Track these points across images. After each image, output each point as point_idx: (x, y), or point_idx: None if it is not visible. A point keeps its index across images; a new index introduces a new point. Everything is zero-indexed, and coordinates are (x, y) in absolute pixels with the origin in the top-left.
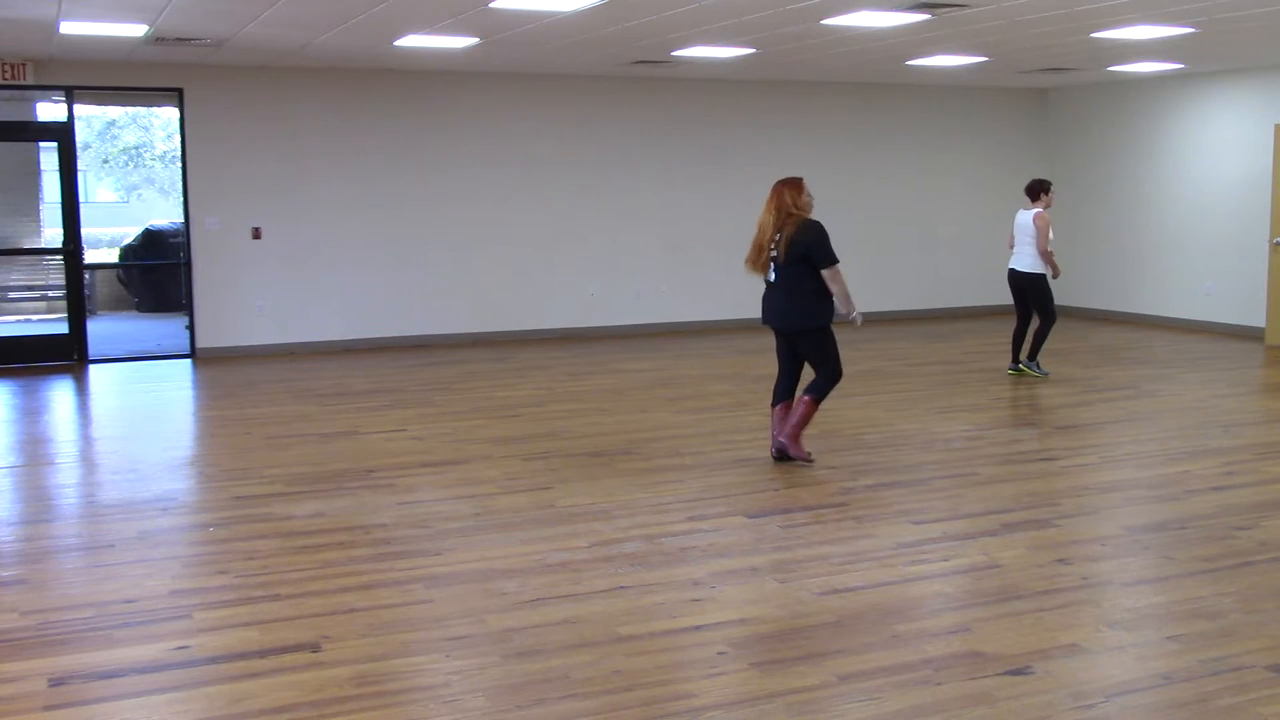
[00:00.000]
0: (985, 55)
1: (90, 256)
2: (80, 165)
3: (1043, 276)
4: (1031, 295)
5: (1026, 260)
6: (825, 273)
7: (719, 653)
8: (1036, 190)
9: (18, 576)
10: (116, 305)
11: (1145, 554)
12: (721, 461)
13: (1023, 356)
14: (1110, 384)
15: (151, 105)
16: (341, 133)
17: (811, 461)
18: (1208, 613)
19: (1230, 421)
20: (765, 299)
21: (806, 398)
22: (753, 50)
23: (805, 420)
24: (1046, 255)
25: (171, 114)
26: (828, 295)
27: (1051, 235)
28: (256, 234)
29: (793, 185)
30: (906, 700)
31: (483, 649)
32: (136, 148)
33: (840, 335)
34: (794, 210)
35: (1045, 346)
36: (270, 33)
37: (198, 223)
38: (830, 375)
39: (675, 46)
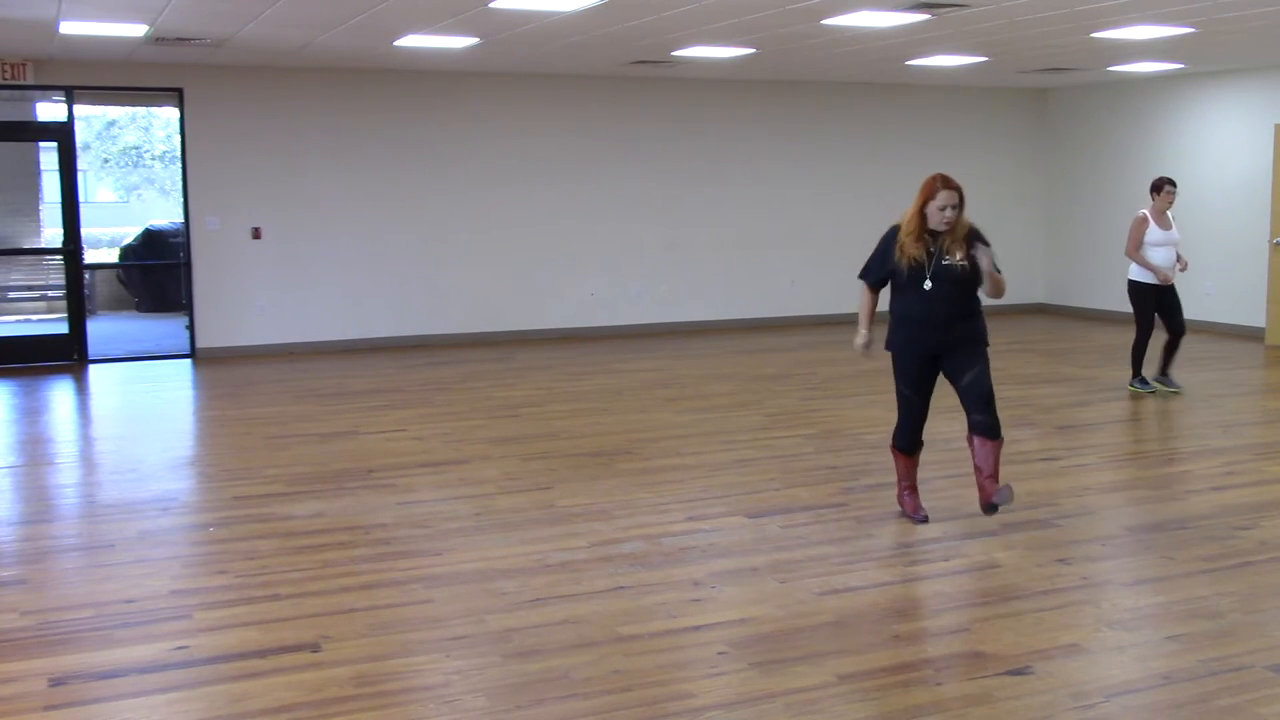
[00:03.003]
0: (985, 55)
1: (90, 256)
2: (80, 165)
3: (1137, 283)
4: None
5: (1131, 265)
6: None
7: (719, 653)
8: (1151, 189)
9: (18, 576)
10: (116, 305)
11: (1145, 554)
12: (721, 461)
13: (1156, 372)
14: (1110, 384)
15: (151, 105)
16: (341, 133)
17: (920, 520)
18: (1208, 613)
19: (1230, 421)
20: None
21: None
22: (753, 50)
23: (897, 473)
24: (1133, 258)
25: (171, 114)
26: (900, 319)
27: (1159, 236)
28: (256, 234)
29: (921, 189)
30: (906, 700)
31: (483, 649)
32: (136, 148)
33: (846, 335)
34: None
35: (1146, 358)
36: (270, 33)
37: (198, 223)
38: (898, 416)
39: (675, 46)
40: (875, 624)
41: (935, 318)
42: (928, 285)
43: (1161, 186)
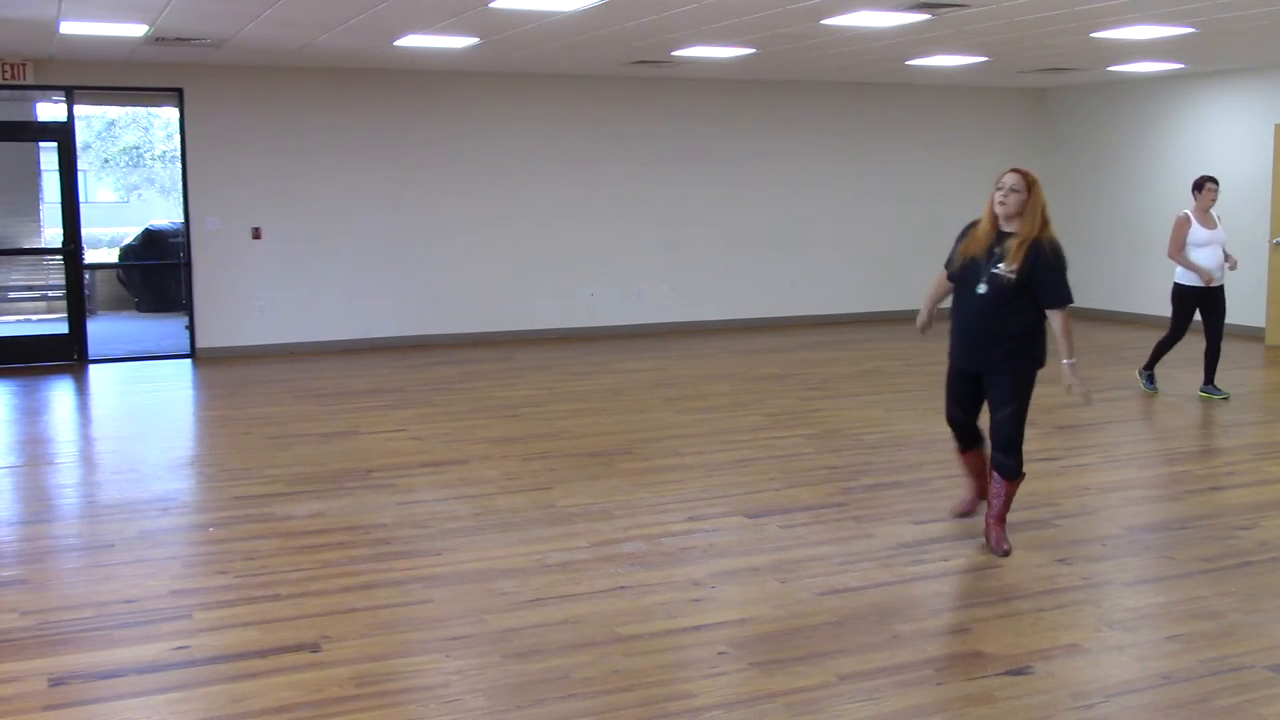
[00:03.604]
0: (985, 55)
1: (90, 256)
2: (80, 165)
3: (1181, 285)
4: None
5: (1176, 267)
6: None
7: (719, 653)
8: (1192, 187)
9: (18, 576)
10: (116, 305)
11: (1145, 554)
12: (721, 461)
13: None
14: (1110, 384)
15: (151, 105)
16: (341, 133)
17: (957, 515)
18: (1208, 613)
19: (1230, 421)
20: None
21: None
22: (753, 50)
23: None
24: (1175, 260)
25: (171, 114)
26: (951, 323)
27: (1204, 235)
28: (256, 234)
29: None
30: (906, 700)
31: (483, 649)
32: (136, 148)
33: (846, 335)
34: None
35: (1164, 358)
36: (270, 33)
37: (198, 223)
38: None
39: (675, 46)
40: (875, 624)
41: (976, 327)
42: (981, 289)
43: (1203, 184)
